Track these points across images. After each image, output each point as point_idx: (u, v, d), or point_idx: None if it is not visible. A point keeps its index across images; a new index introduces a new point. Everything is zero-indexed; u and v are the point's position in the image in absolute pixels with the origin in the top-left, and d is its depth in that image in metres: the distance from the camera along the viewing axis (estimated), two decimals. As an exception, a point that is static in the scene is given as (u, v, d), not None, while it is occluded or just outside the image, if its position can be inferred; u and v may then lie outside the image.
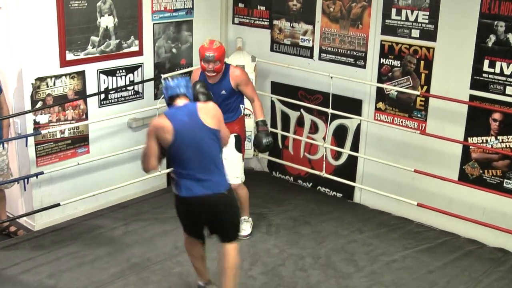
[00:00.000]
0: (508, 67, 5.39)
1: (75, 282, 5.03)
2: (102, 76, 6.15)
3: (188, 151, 4.24)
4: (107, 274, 5.13)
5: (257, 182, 6.89)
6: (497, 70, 5.45)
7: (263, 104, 5.71)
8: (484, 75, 5.52)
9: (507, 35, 5.33)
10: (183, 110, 4.31)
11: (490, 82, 5.50)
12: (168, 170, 6.82)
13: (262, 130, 5.40)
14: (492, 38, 5.42)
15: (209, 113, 4.33)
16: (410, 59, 5.96)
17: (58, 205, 5.83)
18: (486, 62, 5.49)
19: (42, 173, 5.73)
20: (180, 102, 4.36)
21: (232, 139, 5.31)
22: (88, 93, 6.04)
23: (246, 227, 5.83)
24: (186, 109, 4.31)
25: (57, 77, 5.80)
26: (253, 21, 7.12)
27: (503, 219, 5.58)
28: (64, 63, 5.81)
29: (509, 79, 5.40)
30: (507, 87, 5.42)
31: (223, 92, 5.41)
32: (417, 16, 5.83)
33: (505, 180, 5.59)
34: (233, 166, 5.39)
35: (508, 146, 5.52)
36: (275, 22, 6.94)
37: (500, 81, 5.45)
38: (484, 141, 5.64)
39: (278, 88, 7.04)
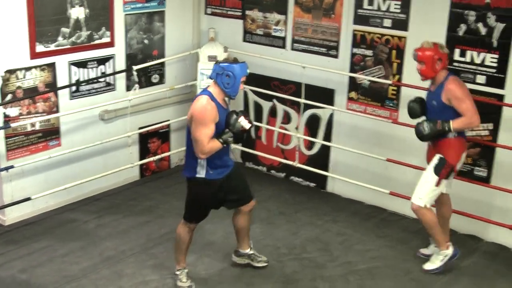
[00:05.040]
0: (478, 56, 5.44)
1: (47, 277, 4.98)
2: (73, 68, 6.07)
3: None
4: (79, 268, 5.09)
5: (231, 173, 6.86)
6: (468, 59, 5.49)
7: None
8: (455, 64, 5.56)
9: (477, 25, 5.38)
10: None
11: (461, 71, 5.54)
12: (141, 162, 6.78)
13: (435, 123, 4.89)
14: (463, 27, 5.46)
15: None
16: (382, 48, 5.99)
17: (29, 199, 5.76)
18: (457, 51, 5.54)
19: (12, 166, 5.64)
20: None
21: (435, 160, 4.98)
22: (59, 85, 5.96)
23: (434, 260, 5.21)
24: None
25: (27, 69, 5.71)
26: (225, 11, 7.08)
27: (474, 206, 5.64)
28: (34, 55, 5.72)
29: (479, 68, 5.45)
30: (477, 76, 5.48)
31: (434, 102, 4.96)
32: (389, 6, 5.85)
33: (476, 168, 5.66)
34: (421, 185, 5.03)
35: (478, 134, 5.57)
36: (247, 12, 6.91)
37: (470, 70, 5.50)
38: (456, 129, 5.68)
39: (251, 78, 6.98)
